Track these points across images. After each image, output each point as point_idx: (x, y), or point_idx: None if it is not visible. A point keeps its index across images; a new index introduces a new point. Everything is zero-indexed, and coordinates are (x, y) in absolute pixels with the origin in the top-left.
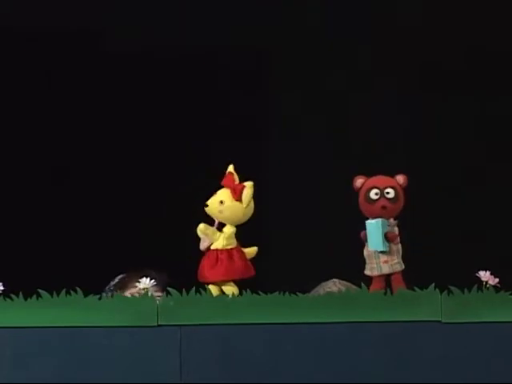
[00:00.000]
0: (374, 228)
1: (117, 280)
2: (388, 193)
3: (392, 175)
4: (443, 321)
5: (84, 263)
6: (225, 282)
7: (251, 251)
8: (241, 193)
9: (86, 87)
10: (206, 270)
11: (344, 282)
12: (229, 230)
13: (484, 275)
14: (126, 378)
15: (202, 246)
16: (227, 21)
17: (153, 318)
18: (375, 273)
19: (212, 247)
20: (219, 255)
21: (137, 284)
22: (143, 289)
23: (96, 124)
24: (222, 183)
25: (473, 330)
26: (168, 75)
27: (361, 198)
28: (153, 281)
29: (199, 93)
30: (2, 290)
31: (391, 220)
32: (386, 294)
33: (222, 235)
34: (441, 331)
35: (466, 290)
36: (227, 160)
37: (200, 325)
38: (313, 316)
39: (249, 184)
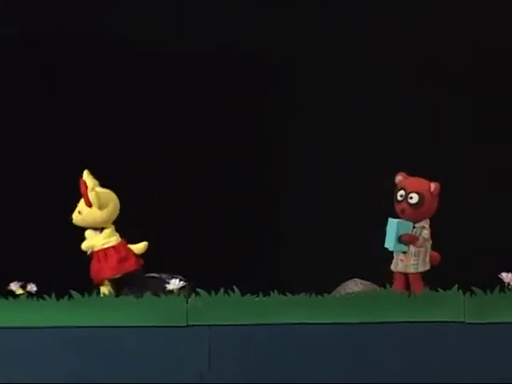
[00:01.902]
0: (390, 227)
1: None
2: (411, 198)
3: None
4: (466, 321)
5: None
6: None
7: (141, 246)
8: (88, 198)
9: (89, 89)
10: (93, 272)
11: (364, 282)
12: (107, 229)
13: (506, 276)
14: (157, 376)
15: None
16: (230, 23)
17: (182, 318)
18: (393, 268)
19: (94, 250)
20: (99, 255)
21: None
22: (173, 290)
23: (100, 124)
24: (81, 191)
25: (496, 330)
26: (173, 78)
27: (394, 195)
28: (182, 282)
29: (198, 95)
30: (36, 291)
31: (420, 223)
32: (410, 295)
33: (101, 236)
34: (464, 331)
35: (488, 291)
36: (233, 163)
37: (228, 325)
38: (339, 316)
39: (89, 188)
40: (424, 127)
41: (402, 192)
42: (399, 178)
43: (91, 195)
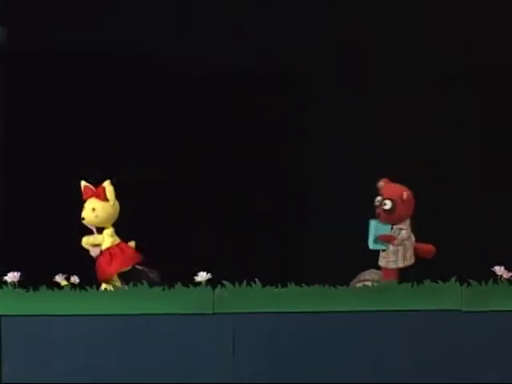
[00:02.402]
0: (370, 227)
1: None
2: (385, 204)
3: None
4: (463, 309)
5: (150, 259)
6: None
7: (131, 244)
8: (104, 193)
9: (92, 93)
10: (104, 267)
11: (377, 271)
12: (109, 229)
13: (499, 270)
14: (186, 358)
15: (94, 253)
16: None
17: (209, 306)
18: (379, 263)
19: (103, 248)
20: (111, 252)
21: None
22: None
23: (105, 126)
24: (84, 197)
25: (489, 318)
26: (186, 82)
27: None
28: (209, 274)
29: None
30: (78, 283)
31: (398, 225)
32: (413, 286)
33: (105, 235)
34: (461, 319)
35: (483, 283)
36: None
37: (251, 313)
38: (349, 306)
39: (106, 183)
40: (424, 128)
41: (379, 198)
42: (380, 183)
43: (109, 189)
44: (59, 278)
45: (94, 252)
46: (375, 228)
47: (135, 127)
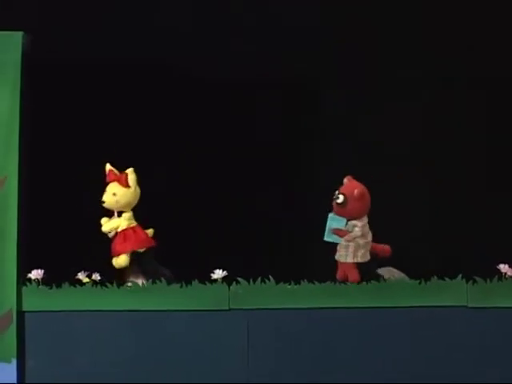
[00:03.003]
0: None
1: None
2: (338, 198)
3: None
4: (469, 305)
5: (168, 257)
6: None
7: (149, 231)
8: (127, 180)
9: (97, 96)
10: (117, 246)
11: (396, 270)
12: (127, 213)
13: (503, 267)
14: (204, 352)
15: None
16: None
17: (225, 303)
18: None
19: (119, 229)
20: (126, 233)
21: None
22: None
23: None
24: (107, 180)
25: (494, 314)
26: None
27: None
28: (225, 272)
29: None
30: (99, 280)
31: (353, 221)
32: (420, 283)
33: (123, 218)
34: (467, 314)
35: (488, 280)
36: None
37: (265, 309)
38: (359, 302)
39: (129, 170)
40: (424, 128)
41: (336, 192)
42: (345, 180)
43: (131, 177)
44: (81, 276)
45: (112, 235)
46: (330, 221)
47: (142, 128)
